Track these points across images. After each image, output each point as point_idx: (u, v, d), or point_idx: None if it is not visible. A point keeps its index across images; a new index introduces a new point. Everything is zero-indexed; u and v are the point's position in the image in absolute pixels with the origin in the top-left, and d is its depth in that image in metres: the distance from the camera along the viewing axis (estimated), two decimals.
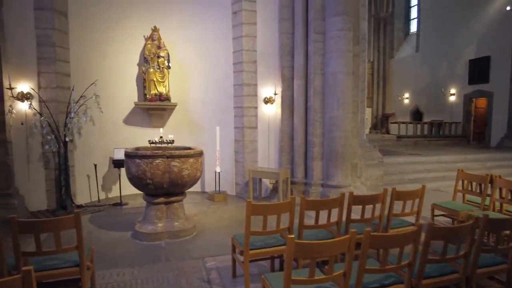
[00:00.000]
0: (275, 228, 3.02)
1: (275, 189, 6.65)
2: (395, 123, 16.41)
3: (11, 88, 5.36)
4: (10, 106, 5.30)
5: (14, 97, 5.41)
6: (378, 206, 3.54)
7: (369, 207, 3.47)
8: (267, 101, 6.78)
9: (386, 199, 3.55)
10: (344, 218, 3.38)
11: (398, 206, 3.61)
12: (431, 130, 14.81)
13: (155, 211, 4.49)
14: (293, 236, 1.96)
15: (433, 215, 4.79)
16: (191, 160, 4.41)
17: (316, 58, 6.28)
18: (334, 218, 3.29)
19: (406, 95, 18.26)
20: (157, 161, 4.22)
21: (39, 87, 5.66)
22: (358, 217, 3.43)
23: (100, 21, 6.48)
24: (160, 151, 4.32)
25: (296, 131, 6.60)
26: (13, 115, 5.34)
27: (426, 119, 16.47)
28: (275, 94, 6.74)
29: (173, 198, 4.51)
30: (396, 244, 2.29)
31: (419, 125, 14.93)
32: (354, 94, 6.49)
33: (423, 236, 2.39)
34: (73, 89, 5.73)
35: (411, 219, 3.91)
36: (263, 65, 6.75)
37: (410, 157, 9.56)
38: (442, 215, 4.81)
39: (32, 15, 5.60)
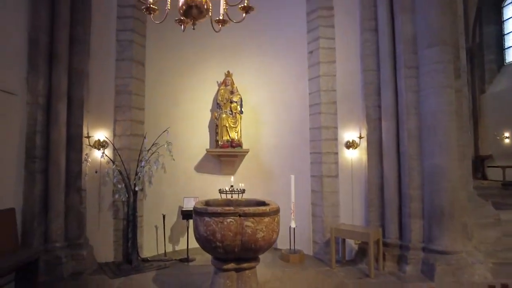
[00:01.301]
0: None
1: (361, 251, 5.53)
2: (496, 166, 13.92)
3: (88, 137, 5.41)
4: (86, 154, 5.30)
5: (91, 146, 5.43)
6: None
7: None
8: (350, 145, 5.90)
9: None
10: None
11: None
12: None
13: (224, 279, 3.80)
14: None
15: None
16: (266, 219, 3.71)
17: (408, 96, 5.36)
18: None
19: (507, 134, 15.62)
20: (228, 220, 3.61)
21: (114, 135, 5.64)
22: None
23: (174, 68, 6.49)
24: (231, 208, 3.72)
25: (387, 181, 5.53)
26: (88, 163, 5.33)
27: None
28: (360, 137, 5.84)
29: (245, 265, 3.80)
30: None
31: None
32: (459, 137, 5.34)
33: None
34: (145, 137, 5.61)
35: None
36: (344, 105, 5.99)
37: None
38: None
39: (114, 65, 5.74)
